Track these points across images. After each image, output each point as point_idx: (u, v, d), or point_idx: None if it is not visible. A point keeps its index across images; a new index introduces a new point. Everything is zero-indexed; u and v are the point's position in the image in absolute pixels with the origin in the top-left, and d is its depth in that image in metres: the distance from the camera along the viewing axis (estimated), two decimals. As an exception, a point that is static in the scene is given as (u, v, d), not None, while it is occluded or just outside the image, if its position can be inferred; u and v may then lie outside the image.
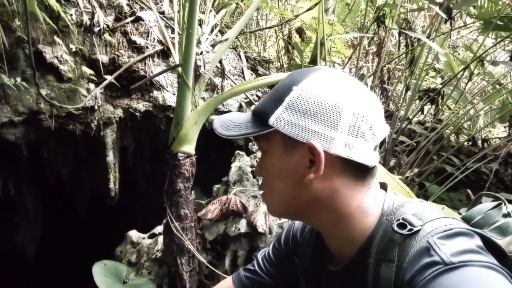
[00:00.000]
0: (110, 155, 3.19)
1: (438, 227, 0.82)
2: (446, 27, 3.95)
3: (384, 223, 0.89)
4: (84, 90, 3.01)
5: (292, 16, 3.75)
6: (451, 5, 3.02)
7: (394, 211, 0.91)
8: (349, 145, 0.86)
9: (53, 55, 2.91)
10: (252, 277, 1.25)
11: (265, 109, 0.92)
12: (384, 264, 0.84)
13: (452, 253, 0.75)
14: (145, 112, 3.21)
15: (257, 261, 1.27)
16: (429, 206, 0.92)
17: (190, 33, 1.97)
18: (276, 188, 0.95)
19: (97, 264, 2.17)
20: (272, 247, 1.26)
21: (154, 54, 3.25)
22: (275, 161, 0.93)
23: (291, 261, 1.17)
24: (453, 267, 0.73)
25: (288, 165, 0.91)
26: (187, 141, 2.11)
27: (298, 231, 1.19)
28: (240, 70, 3.50)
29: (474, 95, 3.88)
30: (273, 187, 0.96)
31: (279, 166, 0.93)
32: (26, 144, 2.91)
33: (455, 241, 0.78)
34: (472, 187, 3.28)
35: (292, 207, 0.95)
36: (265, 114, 0.91)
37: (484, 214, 0.96)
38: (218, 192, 2.73)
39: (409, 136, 3.74)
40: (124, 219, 3.52)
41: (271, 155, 0.94)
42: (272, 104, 0.91)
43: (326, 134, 0.86)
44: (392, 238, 0.85)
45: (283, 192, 0.94)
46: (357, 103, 0.88)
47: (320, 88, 0.88)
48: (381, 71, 3.78)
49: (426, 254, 0.77)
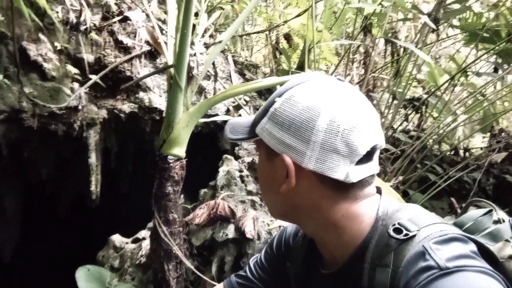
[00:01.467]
0: (93, 156, 3.11)
1: (434, 233, 0.82)
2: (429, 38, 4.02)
3: (379, 228, 0.89)
4: (68, 89, 2.93)
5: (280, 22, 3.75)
6: (439, 16, 3.07)
7: (390, 216, 0.91)
8: (321, 161, 0.86)
9: (37, 53, 2.83)
10: (244, 283, 1.25)
11: (256, 117, 0.97)
12: (379, 269, 0.84)
13: (447, 258, 0.75)
14: (130, 113, 3.15)
15: (249, 267, 1.27)
16: (424, 212, 0.92)
17: (185, 33, 1.94)
18: (266, 191, 1.03)
19: (80, 269, 2.11)
20: (264, 252, 1.26)
21: (141, 55, 3.20)
22: (261, 167, 1.01)
23: (283, 266, 1.17)
24: (448, 272, 0.73)
25: (270, 172, 0.95)
26: (178, 144, 2.07)
27: (291, 236, 1.19)
28: (228, 74, 3.47)
29: (456, 106, 3.94)
30: (264, 190, 1.04)
31: (264, 172, 0.99)
32: (6, 143, 2.81)
33: (450, 246, 0.79)
34: (454, 195, 3.34)
35: (282, 211, 1.00)
36: (255, 122, 0.96)
37: (475, 220, 0.96)
38: (205, 196, 2.69)
39: (393, 144, 3.78)
40: (107, 221, 3.44)
41: (260, 160, 1.01)
42: (261, 113, 0.96)
43: (298, 148, 0.87)
44: (387, 243, 0.86)
45: (270, 197, 1.01)
46: (337, 117, 0.86)
47: (299, 101, 0.89)
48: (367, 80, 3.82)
49: (422, 258, 0.78)
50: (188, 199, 3.31)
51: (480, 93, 3.41)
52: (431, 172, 3.52)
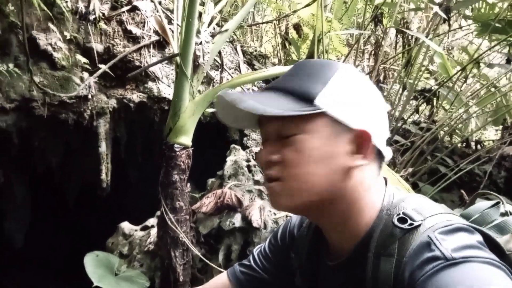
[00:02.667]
0: (103, 145, 3.13)
1: (439, 222, 0.81)
2: (441, 28, 3.96)
3: (384, 218, 0.89)
4: (77, 78, 2.95)
5: (289, 11, 3.72)
6: (451, 5, 3.02)
7: (394, 205, 0.90)
8: (381, 137, 0.91)
9: (47, 42, 2.85)
10: (247, 272, 1.24)
11: (307, 89, 0.87)
12: (384, 259, 0.84)
13: (453, 249, 0.74)
14: (139, 103, 3.16)
15: (253, 257, 1.26)
16: (429, 202, 0.92)
17: (190, 22, 1.94)
18: (310, 174, 0.87)
19: (89, 255, 2.14)
20: (268, 242, 1.25)
21: (150, 45, 3.20)
22: (317, 144, 0.86)
23: (287, 257, 1.17)
24: (454, 263, 0.72)
25: (332, 150, 0.86)
26: (184, 132, 2.08)
27: (295, 226, 1.18)
28: (237, 64, 3.46)
29: (468, 97, 3.89)
30: (304, 173, 0.87)
31: (322, 150, 0.86)
32: (17, 131, 2.84)
33: (456, 237, 0.78)
34: (465, 188, 3.30)
35: (316, 197, 0.88)
36: (309, 94, 0.86)
37: (482, 212, 0.97)
38: (213, 186, 2.70)
39: (403, 135, 3.75)
40: (115, 210, 3.47)
41: (311, 138, 0.86)
42: (314, 83, 0.87)
43: (371, 123, 0.88)
44: (392, 233, 0.85)
45: (319, 178, 0.87)
46: (381, 100, 0.94)
47: (361, 80, 0.92)
48: (377, 70, 3.78)
49: (427, 248, 0.77)
50: (197, 189, 3.33)
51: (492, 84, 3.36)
52: (441, 164, 3.49)
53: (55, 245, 4.05)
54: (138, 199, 3.57)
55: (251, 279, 1.23)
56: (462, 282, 0.69)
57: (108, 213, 3.45)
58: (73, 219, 4.09)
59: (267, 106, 0.84)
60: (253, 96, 0.92)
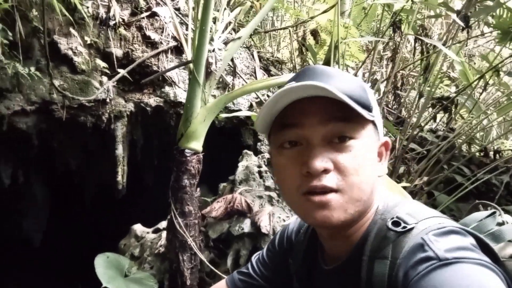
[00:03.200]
0: (120, 148, 3.20)
1: (432, 225, 0.83)
2: (462, 35, 3.91)
3: (378, 222, 0.91)
4: (97, 82, 3.02)
5: (307, 17, 3.73)
6: (469, 13, 2.98)
7: (389, 210, 0.92)
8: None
9: (67, 46, 2.93)
10: (246, 280, 1.25)
11: (363, 97, 0.87)
12: (378, 261, 0.85)
13: (446, 249, 0.75)
14: (156, 107, 3.22)
15: (251, 264, 1.27)
16: (422, 206, 0.93)
17: (203, 30, 1.97)
18: (363, 181, 0.87)
19: (99, 256, 2.18)
20: (266, 249, 1.27)
21: (167, 50, 3.26)
22: (366, 151, 0.87)
23: (285, 263, 1.18)
24: (447, 263, 0.73)
25: (374, 157, 0.91)
26: (195, 138, 2.11)
27: (293, 232, 1.19)
28: (253, 70, 3.49)
29: (488, 106, 3.82)
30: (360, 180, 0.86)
31: (369, 157, 0.88)
32: (37, 133, 2.93)
33: (449, 238, 0.79)
34: (481, 198, 3.23)
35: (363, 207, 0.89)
36: (367, 102, 0.88)
37: (479, 222, 0.97)
38: (224, 190, 2.73)
39: (420, 143, 3.70)
40: (130, 213, 3.54)
41: (363, 144, 0.87)
42: (364, 94, 0.89)
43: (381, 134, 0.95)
44: (386, 236, 0.86)
45: (368, 186, 0.88)
46: None
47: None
48: (395, 77, 3.75)
49: (420, 249, 0.78)
50: (211, 192, 3.36)
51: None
52: (458, 174, 3.43)
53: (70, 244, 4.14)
54: (153, 201, 3.62)
55: (249, 286, 1.24)
56: (454, 282, 0.70)
57: (124, 215, 3.52)
58: (88, 220, 4.18)
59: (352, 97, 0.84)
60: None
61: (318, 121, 0.85)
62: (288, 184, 0.90)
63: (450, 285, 0.70)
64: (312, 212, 0.86)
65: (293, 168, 0.88)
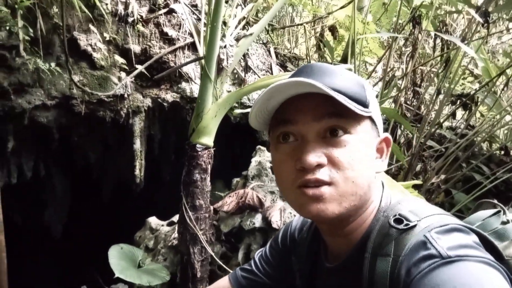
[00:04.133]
0: (137, 142, 3.27)
1: (435, 223, 0.83)
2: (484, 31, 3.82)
3: (381, 219, 0.91)
4: (115, 78, 3.09)
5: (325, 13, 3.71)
6: (490, 8, 2.92)
7: (391, 207, 0.92)
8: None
9: (87, 43, 3.00)
10: (248, 277, 1.26)
11: (358, 93, 0.88)
12: (380, 259, 0.85)
13: (449, 247, 0.75)
14: (173, 102, 3.27)
15: (254, 261, 1.28)
16: (425, 204, 0.93)
17: (215, 26, 2.00)
18: (359, 176, 0.87)
19: (113, 247, 2.24)
20: (269, 246, 1.27)
21: (184, 46, 3.30)
22: (363, 146, 0.88)
23: (288, 260, 1.18)
24: (450, 261, 0.73)
25: (371, 152, 0.91)
26: (206, 133, 2.14)
27: (296, 230, 1.20)
28: (269, 66, 3.50)
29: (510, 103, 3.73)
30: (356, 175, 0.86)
31: (365, 152, 0.89)
32: (57, 127, 3.01)
33: (452, 236, 0.79)
34: (500, 197, 3.18)
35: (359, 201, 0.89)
36: (363, 98, 0.88)
37: (483, 221, 0.97)
38: (237, 185, 2.75)
39: (438, 141, 3.65)
40: (147, 206, 3.60)
41: (359, 139, 0.88)
42: (360, 91, 0.89)
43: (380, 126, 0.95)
44: (388, 233, 0.86)
45: (364, 180, 0.88)
46: None
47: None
48: (414, 73, 3.70)
49: (423, 247, 0.78)
50: (226, 187, 3.40)
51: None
52: (477, 172, 3.37)
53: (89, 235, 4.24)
54: (169, 195, 3.69)
55: (252, 284, 1.25)
56: (457, 280, 0.70)
57: (141, 208, 3.58)
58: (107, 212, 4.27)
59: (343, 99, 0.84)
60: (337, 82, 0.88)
61: (312, 118, 0.87)
62: (284, 178, 0.91)
63: (453, 283, 0.70)
64: (306, 205, 0.87)
65: (288, 163, 0.89)
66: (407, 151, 3.39)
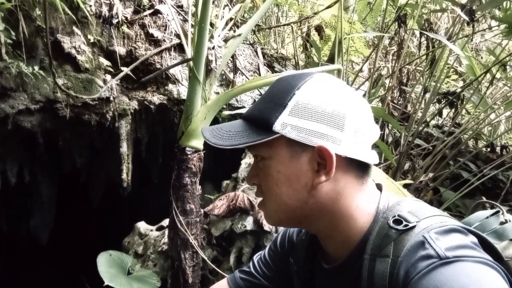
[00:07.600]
0: (124, 146, 3.21)
1: (434, 224, 0.83)
2: (469, 29, 3.86)
3: (380, 221, 0.91)
4: (100, 81, 3.03)
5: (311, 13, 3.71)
6: (475, 6, 2.94)
7: (390, 209, 0.92)
8: (353, 145, 0.89)
9: (71, 45, 2.94)
10: (247, 279, 1.25)
11: (265, 115, 0.90)
12: (379, 260, 0.85)
13: (447, 248, 0.76)
14: (160, 105, 3.23)
15: (253, 263, 1.27)
16: (424, 205, 0.93)
17: (203, 27, 1.97)
18: (280, 195, 0.92)
19: (102, 254, 2.20)
20: (268, 249, 1.27)
21: (170, 48, 3.26)
22: (280, 167, 0.91)
23: (286, 263, 1.18)
24: (448, 262, 0.73)
25: (295, 170, 0.90)
26: (196, 136, 2.11)
27: (295, 232, 1.19)
28: (256, 67, 3.48)
29: (495, 100, 3.78)
30: (275, 194, 0.93)
31: (285, 172, 0.90)
32: (42, 132, 2.95)
33: (450, 237, 0.79)
34: (488, 194, 3.22)
35: (294, 213, 0.94)
36: (267, 120, 0.88)
37: (482, 221, 0.98)
38: (227, 188, 2.73)
39: (425, 139, 3.67)
40: (136, 210, 3.55)
41: (274, 162, 0.91)
42: (272, 109, 0.89)
43: (334, 135, 0.87)
44: (387, 234, 0.86)
45: (288, 198, 0.92)
46: (355, 105, 0.91)
47: (323, 92, 0.90)
48: (401, 72, 3.72)
49: (421, 247, 0.79)
50: (215, 190, 3.37)
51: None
52: (464, 169, 3.40)
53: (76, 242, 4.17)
54: (159, 199, 3.65)
55: (251, 286, 1.24)
56: (455, 281, 0.70)
57: (130, 212, 3.54)
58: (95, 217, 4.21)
59: (225, 139, 0.91)
60: (224, 127, 0.96)
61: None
62: None
63: (451, 283, 0.70)
64: None
65: None
66: (395, 149, 3.40)
